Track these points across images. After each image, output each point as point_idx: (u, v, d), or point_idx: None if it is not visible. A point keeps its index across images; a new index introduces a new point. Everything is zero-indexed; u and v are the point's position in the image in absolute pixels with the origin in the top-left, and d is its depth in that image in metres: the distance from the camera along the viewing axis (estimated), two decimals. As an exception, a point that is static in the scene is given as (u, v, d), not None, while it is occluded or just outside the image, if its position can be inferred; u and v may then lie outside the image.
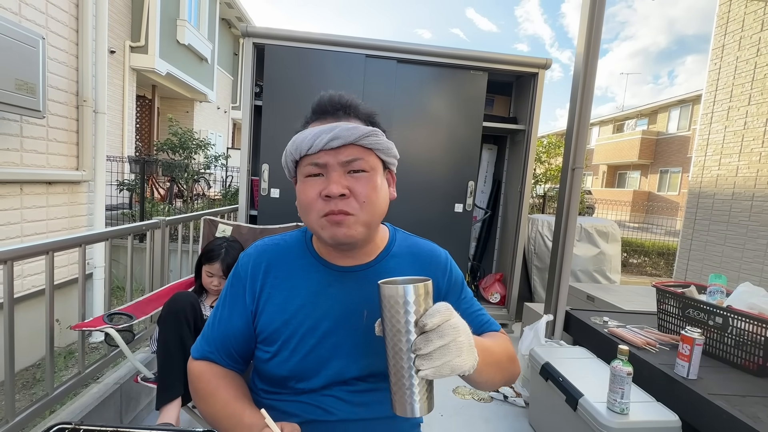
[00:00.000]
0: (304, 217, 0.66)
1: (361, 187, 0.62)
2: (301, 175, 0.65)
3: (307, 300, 0.67)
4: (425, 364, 0.49)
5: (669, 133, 16.03)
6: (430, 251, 0.75)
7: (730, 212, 4.19)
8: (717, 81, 4.48)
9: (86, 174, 2.64)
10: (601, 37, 1.96)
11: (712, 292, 1.67)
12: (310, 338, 0.66)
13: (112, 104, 6.25)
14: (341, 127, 0.61)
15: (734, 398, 1.22)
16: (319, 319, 0.67)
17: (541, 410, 1.71)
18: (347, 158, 0.62)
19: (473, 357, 0.53)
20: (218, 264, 1.49)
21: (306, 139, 0.62)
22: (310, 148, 0.61)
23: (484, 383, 0.62)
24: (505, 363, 0.66)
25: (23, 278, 2.25)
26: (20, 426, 1.26)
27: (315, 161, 0.62)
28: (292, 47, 2.55)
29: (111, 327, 1.24)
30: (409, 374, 0.51)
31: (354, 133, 0.61)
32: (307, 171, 0.63)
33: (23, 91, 2.04)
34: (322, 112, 0.66)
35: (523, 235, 2.88)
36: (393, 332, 0.52)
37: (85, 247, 1.51)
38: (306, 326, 0.66)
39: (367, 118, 0.67)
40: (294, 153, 0.64)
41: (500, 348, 0.67)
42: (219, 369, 0.69)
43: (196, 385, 0.69)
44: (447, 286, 0.74)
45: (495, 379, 0.64)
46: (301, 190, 0.65)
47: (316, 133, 0.61)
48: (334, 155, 0.61)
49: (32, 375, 2.26)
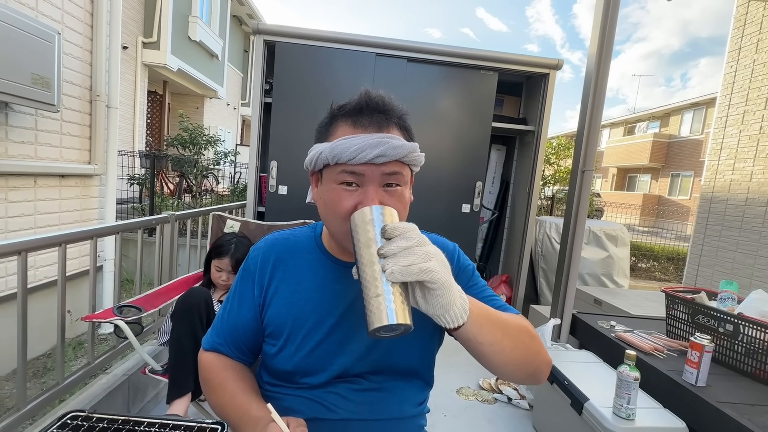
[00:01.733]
0: (329, 220, 0.64)
1: (393, 203, 0.61)
2: (332, 180, 0.62)
3: (314, 295, 0.68)
4: (390, 263, 0.48)
5: (681, 137, 15.79)
6: (439, 244, 0.73)
7: (743, 218, 4.12)
8: (732, 84, 4.40)
9: (98, 168, 2.68)
10: (614, 38, 1.93)
11: (723, 298, 1.64)
12: (316, 333, 0.66)
13: (124, 99, 6.33)
14: (388, 145, 0.59)
15: (743, 407, 1.21)
16: (325, 314, 0.67)
17: (545, 413, 1.70)
18: (388, 171, 0.60)
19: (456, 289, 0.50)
20: (227, 259, 1.50)
21: (348, 149, 0.59)
22: (351, 159, 0.59)
23: (491, 348, 0.56)
24: (516, 332, 0.60)
25: (35, 269, 2.30)
26: (31, 414, 1.29)
27: (354, 171, 0.60)
28: (303, 45, 2.56)
29: (120, 319, 1.25)
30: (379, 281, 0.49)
31: (399, 152, 0.60)
32: (342, 179, 0.61)
33: (39, 86, 2.08)
34: (360, 115, 0.63)
35: (531, 236, 2.87)
36: (363, 250, 0.52)
37: (96, 240, 1.53)
38: (312, 321, 0.67)
39: (403, 123, 0.65)
40: (330, 159, 0.61)
41: (512, 319, 0.62)
42: (228, 361, 0.71)
43: (206, 376, 0.70)
44: (456, 273, 0.70)
45: (505, 347, 0.57)
46: (334, 198, 0.62)
47: (361, 146, 0.58)
48: (377, 168, 0.60)
49: (43, 364, 2.30)
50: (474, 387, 2.05)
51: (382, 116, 0.63)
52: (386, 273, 0.48)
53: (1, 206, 2.13)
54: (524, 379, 0.64)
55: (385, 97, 0.65)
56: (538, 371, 0.63)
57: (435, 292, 0.49)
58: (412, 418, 0.72)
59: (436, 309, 0.50)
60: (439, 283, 0.48)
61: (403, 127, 0.66)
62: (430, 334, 0.71)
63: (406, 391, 0.70)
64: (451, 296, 0.50)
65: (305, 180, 3.11)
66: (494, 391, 2.00)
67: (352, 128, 0.62)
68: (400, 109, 0.66)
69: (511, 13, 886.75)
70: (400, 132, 0.64)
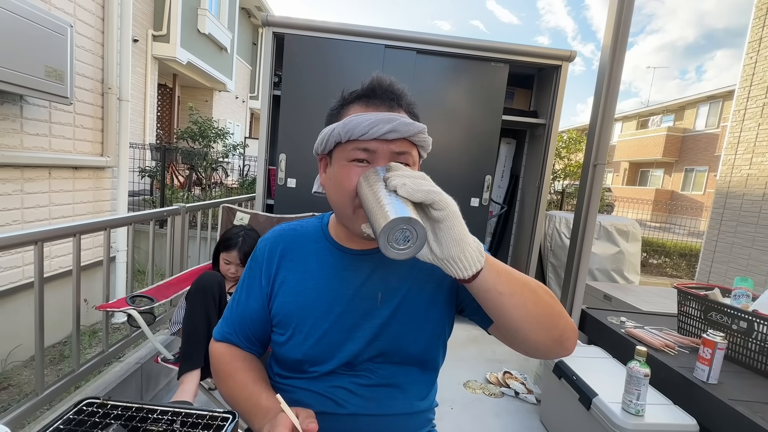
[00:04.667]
0: (337, 199, 0.64)
1: None
2: (343, 158, 0.63)
3: (321, 283, 0.68)
4: (396, 178, 0.50)
5: (696, 131, 15.43)
6: None
7: (759, 213, 4.02)
8: (752, 76, 4.28)
9: (110, 160, 2.72)
10: (629, 30, 1.89)
11: (737, 295, 1.61)
12: (324, 321, 0.67)
13: (135, 92, 6.39)
14: (400, 121, 0.60)
15: (757, 405, 1.19)
16: (332, 302, 0.67)
17: (552, 408, 1.69)
18: (398, 150, 0.61)
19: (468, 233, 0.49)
20: (236, 252, 1.51)
21: (361, 124, 0.60)
22: (364, 134, 0.59)
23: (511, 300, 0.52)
24: (537, 288, 0.55)
25: (50, 259, 2.35)
26: (48, 399, 1.33)
27: (365, 147, 0.61)
28: (312, 37, 2.54)
29: (134, 308, 1.28)
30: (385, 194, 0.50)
31: (411, 130, 0.61)
32: (354, 155, 0.61)
33: (52, 78, 2.10)
34: (372, 96, 0.64)
35: (540, 231, 2.84)
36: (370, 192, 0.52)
37: (109, 231, 1.56)
38: (319, 310, 0.67)
39: (411, 109, 0.67)
40: (342, 135, 0.61)
41: (531, 279, 0.57)
42: (238, 351, 0.72)
43: (217, 367, 0.71)
44: None
45: (527, 299, 0.53)
46: (344, 175, 0.62)
47: (374, 121, 0.59)
48: (387, 145, 0.61)
49: (59, 352, 2.36)
50: (481, 381, 2.06)
51: (393, 99, 0.64)
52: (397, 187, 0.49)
53: (18, 197, 2.18)
54: (549, 346, 0.56)
55: (395, 83, 0.66)
56: (564, 337, 0.56)
57: (445, 224, 0.47)
58: (421, 413, 0.72)
59: (450, 248, 0.47)
60: (449, 210, 0.48)
61: (412, 113, 0.67)
62: (440, 316, 0.69)
63: (414, 385, 0.70)
64: (463, 230, 0.48)
65: (314, 173, 3.11)
66: (501, 385, 2.00)
67: (364, 107, 0.64)
68: (409, 96, 0.67)
69: (522, 5, 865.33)
70: (409, 116, 0.65)
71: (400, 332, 0.67)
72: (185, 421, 0.56)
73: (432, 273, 0.68)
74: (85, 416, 0.55)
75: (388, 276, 0.68)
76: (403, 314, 0.67)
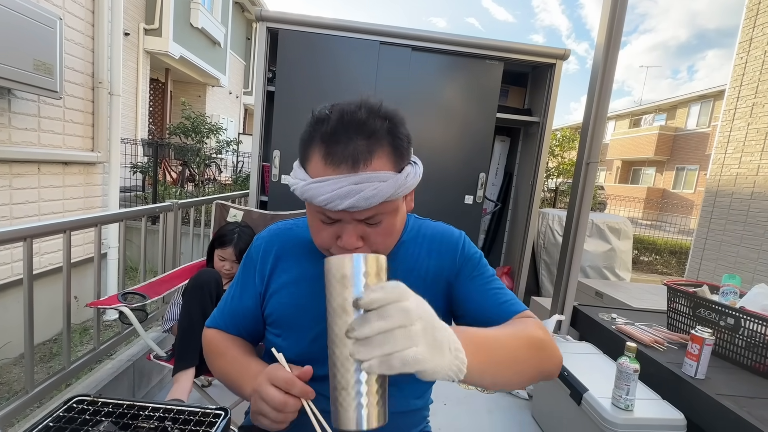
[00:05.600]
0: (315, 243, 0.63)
1: (377, 237, 0.58)
2: (312, 213, 0.59)
3: (316, 286, 0.67)
4: (363, 352, 0.38)
5: (687, 130, 15.61)
6: (443, 231, 0.72)
7: (748, 212, 4.09)
8: (742, 76, 4.34)
9: (101, 155, 2.68)
10: (623, 28, 1.90)
11: (725, 292, 1.64)
12: (319, 323, 0.66)
13: (126, 87, 6.30)
14: (359, 196, 0.52)
15: (742, 399, 1.21)
16: None
17: (544, 404, 1.71)
18: (363, 217, 0.56)
19: (450, 356, 0.41)
20: (231, 248, 1.51)
21: (318, 197, 0.53)
22: (325, 204, 0.53)
23: (495, 385, 0.52)
24: (524, 356, 0.55)
25: (40, 256, 2.32)
26: (38, 397, 1.32)
27: (328, 215, 0.56)
28: (307, 32, 2.52)
29: (125, 306, 1.27)
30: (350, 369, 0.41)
31: (373, 202, 0.53)
32: (319, 217, 0.58)
33: (41, 72, 2.07)
34: (333, 140, 0.53)
35: (533, 228, 2.86)
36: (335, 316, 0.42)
37: (100, 227, 1.54)
38: (315, 311, 0.66)
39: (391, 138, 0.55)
40: (304, 195, 0.55)
41: (516, 338, 0.55)
42: (230, 335, 0.73)
43: (208, 347, 0.72)
44: (460, 262, 0.69)
45: (511, 379, 0.54)
46: (313, 226, 0.60)
47: (329, 197, 0.52)
48: (351, 215, 0.55)
49: (49, 349, 2.34)
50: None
51: (361, 143, 0.53)
52: (361, 365, 0.38)
53: (6, 193, 2.14)
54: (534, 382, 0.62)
55: (368, 110, 0.54)
56: (548, 375, 0.59)
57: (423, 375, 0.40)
58: (417, 411, 0.72)
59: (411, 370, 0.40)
60: (429, 372, 0.39)
61: (393, 144, 0.55)
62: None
63: (411, 384, 0.71)
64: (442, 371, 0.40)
65: (308, 170, 3.07)
66: (494, 381, 2.02)
67: (323, 164, 0.54)
68: (389, 122, 0.55)
69: (517, 3, 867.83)
70: (387, 157, 0.54)
71: None
72: (177, 418, 0.56)
73: (430, 282, 0.69)
74: (75, 414, 0.54)
75: None
76: None
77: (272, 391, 0.52)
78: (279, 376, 0.53)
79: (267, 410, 0.52)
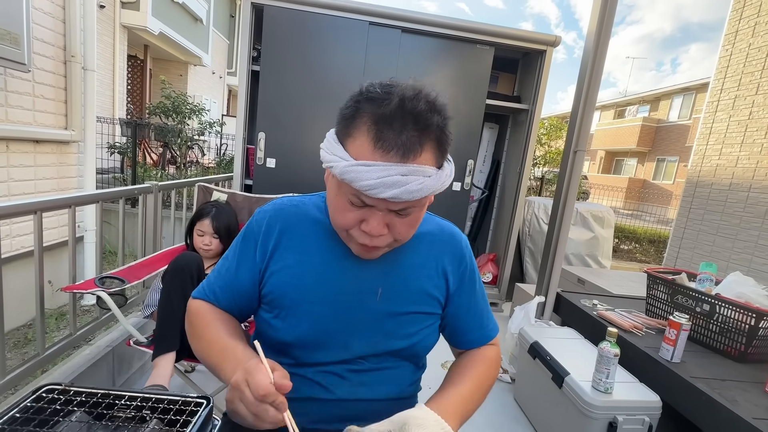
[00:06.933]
0: (332, 219, 0.62)
1: (402, 227, 0.59)
2: (342, 192, 0.57)
3: (320, 268, 0.66)
4: None
5: (669, 122, 15.92)
6: (450, 234, 0.73)
7: (725, 202, 4.22)
8: (727, 68, 4.41)
9: (75, 134, 2.56)
10: (614, 18, 1.89)
11: (702, 280, 1.69)
12: (321, 308, 0.64)
13: (102, 63, 6.00)
14: (405, 189, 0.52)
15: (714, 382, 1.26)
16: (330, 290, 0.65)
17: (526, 387, 1.75)
18: (399, 207, 0.56)
19: None
20: (208, 220, 1.48)
21: (360, 181, 0.52)
22: (366, 190, 0.53)
23: None
24: (485, 391, 0.69)
25: (12, 238, 2.22)
26: (12, 384, 1.27)
27: (363, 199, 0.55)
28: (293, 10, 2.43)
29: (103, 290, 1.22)
30: None
31: (416, 196, 0.53)
32: (350, 198, 0.56)
33: (7, 42, 1.93)
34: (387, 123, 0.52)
35: (519, 216, 2.88)
36: None
37: (74, 209, 1.47)
38: (316, 295, 0.65)
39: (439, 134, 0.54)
40: (344, 175, 0.53)
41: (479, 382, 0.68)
42: (217, 309, 0.69)
43: (192, 320, 0.68)
44: (461, 277, 0.72)
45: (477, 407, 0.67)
46: (339, 206, 0.59)
47: (374, 183, 0.51)
48: (386, 204, 0.55)
49: (23, 335, 2.26)
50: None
51: (414, 134, 0.52)
52: None
53: (-28, 172, 2.03)
54: None
55: (426, 102, 0.53)
56: None
57: None
58: (408, 398, 0.73)
59: None
60: None
61: (440, 140, 0.55)
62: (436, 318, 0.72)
63: (405, 371, 0.71)
64: None
65: (294, 153, 2.99)
66: (478, 365, 2.06)
67: (371, 146, 0.52)
68: (441, 117, 0.54)
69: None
70: (433, 152, 0.54)
71: (396, 330, 0.67)
72: (155, 407, 0.53)
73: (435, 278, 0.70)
74: (45, 403, 0.51)
75: (389, 272, 0.67)
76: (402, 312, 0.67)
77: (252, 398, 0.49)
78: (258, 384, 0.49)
79: (245, 413, 0.50)
